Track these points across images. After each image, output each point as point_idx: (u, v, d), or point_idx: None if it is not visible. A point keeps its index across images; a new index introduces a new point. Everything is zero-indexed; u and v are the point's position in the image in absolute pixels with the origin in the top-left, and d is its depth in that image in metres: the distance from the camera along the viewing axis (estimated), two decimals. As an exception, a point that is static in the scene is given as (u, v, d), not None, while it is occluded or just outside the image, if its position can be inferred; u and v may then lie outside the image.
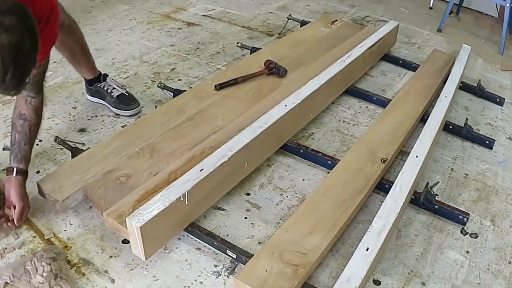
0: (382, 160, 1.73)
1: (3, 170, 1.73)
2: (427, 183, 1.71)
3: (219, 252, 1.46)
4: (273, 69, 2.20)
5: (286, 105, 1.83)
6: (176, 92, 2.11)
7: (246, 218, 1.61)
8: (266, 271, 1.29)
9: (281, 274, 1.29)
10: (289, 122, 1.85)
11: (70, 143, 1.74)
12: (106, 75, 2.10)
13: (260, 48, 2.55)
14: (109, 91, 2.06)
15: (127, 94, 2.08)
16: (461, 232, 1.63)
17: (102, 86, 2.07)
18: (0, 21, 1.08)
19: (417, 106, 2.09)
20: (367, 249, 1.33)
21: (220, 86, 2.04)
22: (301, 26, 2.84)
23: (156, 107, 2.12)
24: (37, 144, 1.86)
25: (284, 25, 2.97)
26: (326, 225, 1.45)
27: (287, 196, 1.71)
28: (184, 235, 1.52)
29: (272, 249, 1.36)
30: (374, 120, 2.13)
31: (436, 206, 1.67)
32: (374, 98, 2.26)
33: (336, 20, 2.86)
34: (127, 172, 1.58)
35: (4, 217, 1.46)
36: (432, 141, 1.80)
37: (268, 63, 2.23)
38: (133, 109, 2.05)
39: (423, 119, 2.05)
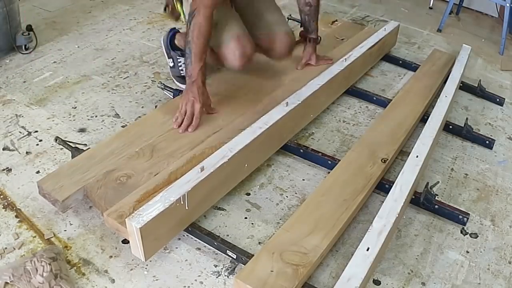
0: (383, 160, 1.73)
1: (3, 170, 1.73)
2: (427, 183, 1.71)
3: (219, 252, 1.46)
4: None
5: (286, 106, 1.83)
6: (176, 92, 2.11)
7: (246, 218, 1.61)
8: (272, 271, 1.29)
9: (281, 274, 1.29)
10: (290, 123, 1.85)
11: (70, 143, 1.74)
12: None
13: (260, 48, 2.54)
14: None
15: None
16: (461, 232, 1.64)
17: None
18: None
19: (417, 106, 2.09)
20: (367, 249, 1.33)
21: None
22: (301, 26, 2.83)
23: (156, 107, 2.12)
24: (37, 144, 1.86)
25: (284, 25, 2.96)
26: (327, 225, 1.45)
27: (287, 196, 1.71)
28: (184, 235, 1.52)
29: (273, 249, 1.36)
30: (374, 120, 2.13)
31: (436, 206, 1.67)
32: (374, 98, 2.26)
33: (336, 20, 2.86)
34: (127, 172, 1.58)
35: None
36: (432, 141, 1.80)
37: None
38: None
39: (423, 119, 2.06)
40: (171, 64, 2.22)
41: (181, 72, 2.18)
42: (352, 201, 1.55)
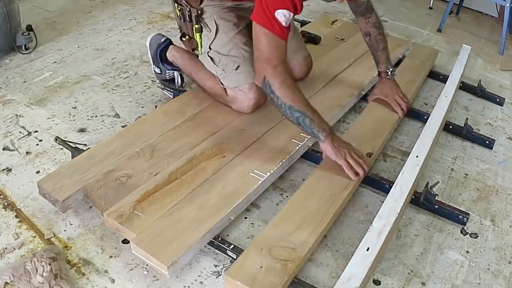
0: (368, 155, 1.73)
1: (3, 170, 1.73)
2: (427, 183, 1.71)
3: (219, 252, 1.46)
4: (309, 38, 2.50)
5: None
6: (176, 92, 2.11)
7: (246, 218, 1.61)
8: (261, 267, 1.30)
9: (271, 270, 1.29)
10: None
11: (70, 143, 1.74)
12: None
13: (260, 48, 2.54)
14: None
15: None
16: (461, 232, 1.64)
17: None
18: None
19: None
20: (367, 249, 1.33)
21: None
22: (301, 26, 2.84)
23: (156, 107, 2.12)
24: (37, 144, 1.86)
25: (284, 25, 2.96)
26: (314, 220, 1.46)
27: (287, 196, 1.71)
28: (184, 235, 1.52)
29: (261, 245, 1.37)
30: (359, 116, 2.12)
31: (436, 206, 1.67)
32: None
33: (336, 20, 2.86)
34: (127, 172, 1.58)
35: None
36: (432, 141, 1.80)
37: (303, 33, 2.48)
38: None
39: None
40: (158, 71, 2.14)
41: (167, 76, 2.13)
42: (338, 196, 1.56)
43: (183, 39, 1.98)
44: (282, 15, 1.49)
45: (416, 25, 3.29)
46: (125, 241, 1.47)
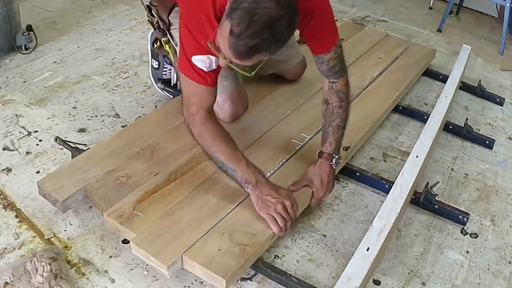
0: (344, 148, 1.72)
1: (3, 170, 1.73)
2: (427, 183, 1.71)
3: (219, 252, 1.46)
4: None
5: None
6: (176, 93, 2.11)
7: (246, 218, 1.61)
8: (219, 250, 1.32)
9: (228, 253, 1.31)
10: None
11: (70, 143, 1.74)
12: None
13: (260, 48, 2.54)
14: None
15: None
16: (461, 232, 1.64)
17: None
18: None
19: (386, 98, 2.09)
20: (367, 249, 1.33)
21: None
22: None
23: (156, 107, 2.12)
24: (37, 144, 1.86)
25: (284, 25, 2.96)
26: None
27: (287, 196, 1.71)
28: (184, 235, 1.52)
29: (223, 230, 1.38)
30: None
31: (436, 206, 1.67)
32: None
33: (336, 20, 2.85)
34: (127, 172, 1.58)
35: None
36: (432, 141, 1.80)
37: None
38: None
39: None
40: (156, 66, 2.09)
41: (163, 75, 2.09)
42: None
43: (155, 45, 1.95)
44: (199, 61, 1.38)
45: (416, 25, 3.29)
46: (125, 241, 1.47)
